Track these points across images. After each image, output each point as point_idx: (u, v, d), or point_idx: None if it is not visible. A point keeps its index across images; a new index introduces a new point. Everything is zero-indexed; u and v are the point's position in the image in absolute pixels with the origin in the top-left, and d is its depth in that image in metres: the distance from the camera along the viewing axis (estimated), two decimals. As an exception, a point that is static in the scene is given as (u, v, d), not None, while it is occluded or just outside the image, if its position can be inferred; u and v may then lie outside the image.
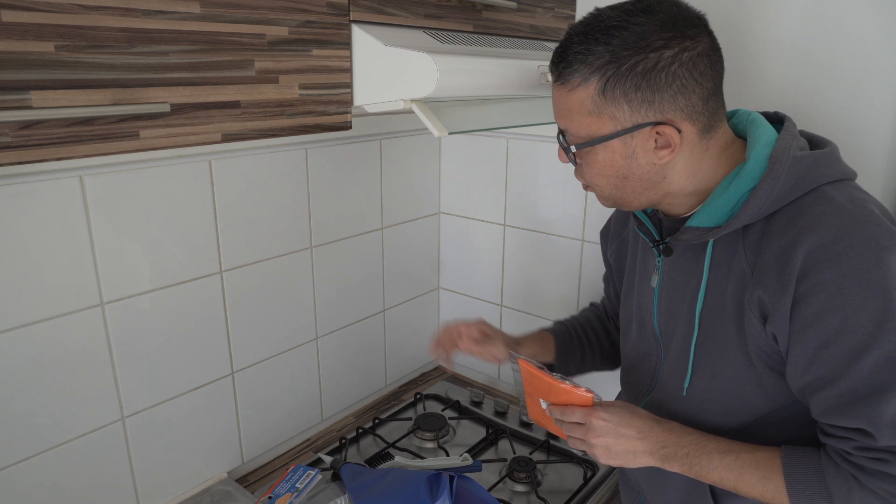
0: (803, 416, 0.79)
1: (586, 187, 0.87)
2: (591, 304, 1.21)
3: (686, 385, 0.86)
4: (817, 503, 0.73)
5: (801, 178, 0.73)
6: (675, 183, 0.80)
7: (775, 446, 0.78)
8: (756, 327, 0.76)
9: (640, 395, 0.97)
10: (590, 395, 0.86)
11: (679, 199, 0.82)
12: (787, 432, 0.81)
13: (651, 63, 0.72)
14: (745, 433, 0.82)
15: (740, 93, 1.13)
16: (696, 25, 0.74)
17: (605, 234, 1.10)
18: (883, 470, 0.69)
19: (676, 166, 0.78)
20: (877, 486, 0.70)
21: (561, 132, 0.83)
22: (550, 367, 1.09)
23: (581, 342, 1.13)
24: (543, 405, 0.93)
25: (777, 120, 0.83)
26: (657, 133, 0.75)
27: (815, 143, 0.80)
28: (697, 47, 0.73)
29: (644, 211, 0.92)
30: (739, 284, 0.77)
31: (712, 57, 0.75)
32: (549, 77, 0.82)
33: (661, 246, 0.87)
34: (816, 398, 0.73)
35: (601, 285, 1.18)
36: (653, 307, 0.91)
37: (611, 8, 0.76)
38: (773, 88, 1.10)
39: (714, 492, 0.86)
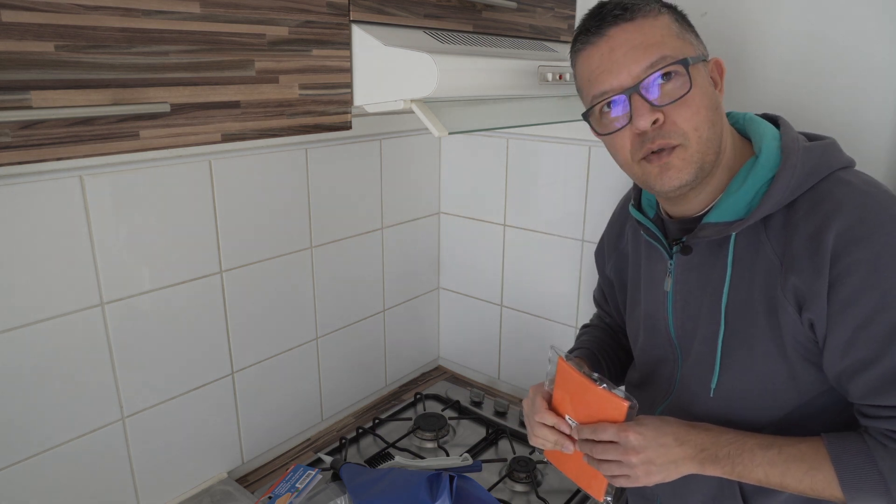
0: (833, 408, 0.78)
1: (666, 155, 0.76)
2: (585, 326, 1.16)
3: (713, 385, 0.84)
4: (869, 487, 0.72)
5: (815, 165, 0.75)
6: (725, 138, 0.80)
7: (815, 436, 0.77)
8: (792, 316, 0.75)
9: (657, 402, 0.94)
10: (626, 403, 0.80)
11: (716, 171, 0.80)
12: (818, 424, 0.80)
13: (682, 11, 0.80)
14: (776, 428, 0.81)
15: (740, 94, 1.13)
16: None
17: (601, 252, 1.09)
18: None
19: (723, 118, 0.80)
20: None
21: (639, 85, 0.74)
22: None
23: (608, 364, 1.07)
24: (571, 423, 0.87)
25: (770, 119, 0.85)
26: (711, 70, 0.79)
27: (811, 137, 0.82)
28: None
29: (647, 216, 0.92)
30: (767, 277, 0.77)
31: None
32: (603, 34, 0.77)
33: (675, 247, 0.86)
34: (857, 380, 0.72)
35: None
36: (667, 312, 0.90)
37: None
38: (772, 90, 1.10)
39: (743, 493, 0.84)
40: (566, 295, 1.49)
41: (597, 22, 0.78)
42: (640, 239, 0.96)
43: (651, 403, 0.96)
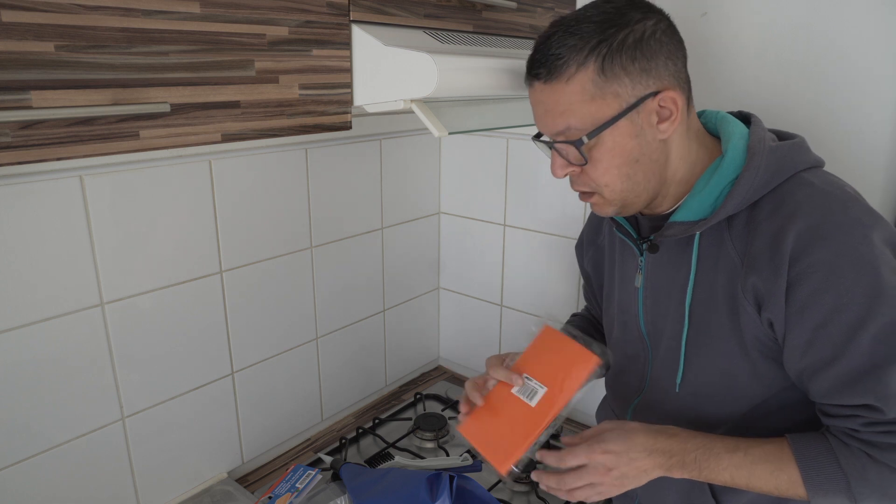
0: (798, 403, 0.79)
1: (587, 196, 0.83)
2: (574, 315, 1.20)
3: (678, 381, 0.86)
4: (833, 486, 0.73)
5: (779, 166, 0.76)
6: (673, 165, 0.80)
7: (779, 436, 0.77)
8: (751, 315, 0.76)
9: (630, 398, 0.96)
10: (594, 359, 0.82)
11: (671, 188, 0.83)
12: (782, 419, 0.81)
13: (639, 33, 0.74)
14: (741, 423, 0.82)
15: (740, 93, 1.13)
16: (655, 6, 0.78)
17: (580, 246, 1.11)
18: (894, 442, 0.70)
19: (673, 144, 0.79)
20: (890, 460, 0.70)
21: (555, 140, 0.79)
22: None
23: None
24: (531, 381, 0.85)
25: (743, 118, 0.85)
26: (659, 105, 0.76)
27: (782, 135, 0.82)
28: (665, 20, 0.78)
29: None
30: (729, 275, 0.78)
31: (677, 30, 0.79)
32: (531, 85, 0.80)
33: (644, 244, 0.88)
34: (817, 379, 0.73)
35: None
36: (637, 308, 0.91)
37: (572, 11, 0.78)
38: (773, 89, 1.10)
39: (713, 490, 0.86)
40: (566, 295, 1.49)
41: (528, 66, 0.80)
42: (615, 235, 0.97)
43: (625, 399, 0.97)
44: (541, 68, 0.77)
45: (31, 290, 0.93)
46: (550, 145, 0.81)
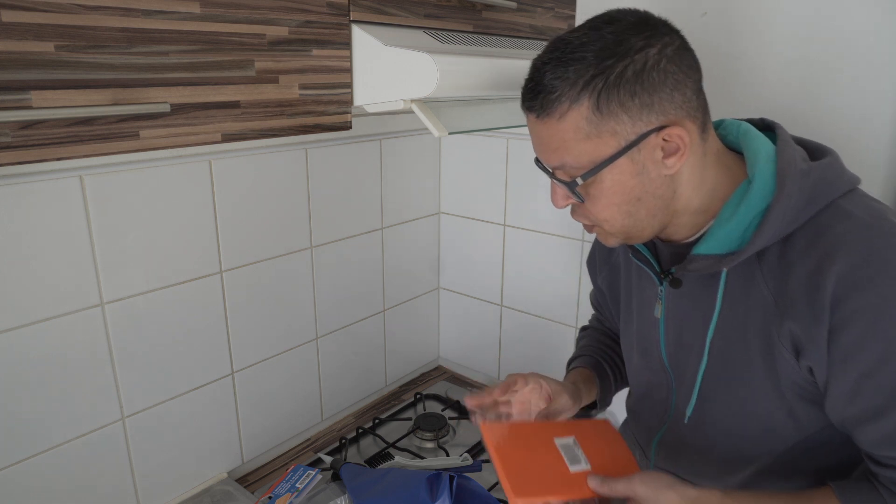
0: (836, 441, 0.75)
1: (591, 228, 0.78)
2: (584, 329, 1.15)
3: (689, 413, 0.82)
4: None
5: (813, 194, 0.69)
6: (683, 197, 0.74)
7: (823, 487, 0.72)
8: (789, 361, 0.71)
9: (654, 428, 0.92)
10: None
11: (684, 218, 0.76)
12: (821, 457, 0.77)
13: (640, 64, 0.66)
14: (776, 462, 0.78)
15: (741, 94, 1.13)
16: (665, 25, 0.70)
17: (592, 261, 1.05)
18: None
19: (683, 176, 0.73)
20: None
21: (554, 172, 0.74)
22: (592, 406, 1.02)
23: (612, 369, 1.05)
24: (578, 450, 0.83)
25: (764, 127, 0.78)
26: (663, 139, 0.69)
27: (811, 150, 0.75)
28: (675, 42, 0.69)
29: None
30: (762, 315, 0.72)
31: (690, 51, 0.71)
32: (526, 114, 0.74)
33: (666, 278, 0.81)
34: (865, 429, 0.68)
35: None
36: (659, 337, 0.86)
37: (571, 31, 0.70)
38: (774, 88, 1.10)
39: None
40: (566, 295, 1.49)
41: (523, 94, 0.73)
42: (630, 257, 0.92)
43: (648, 430, 0.93)
44: (533, 101, 0.71)
45: (31, 290, 0.93)
46: (550, 175, 0.76)
